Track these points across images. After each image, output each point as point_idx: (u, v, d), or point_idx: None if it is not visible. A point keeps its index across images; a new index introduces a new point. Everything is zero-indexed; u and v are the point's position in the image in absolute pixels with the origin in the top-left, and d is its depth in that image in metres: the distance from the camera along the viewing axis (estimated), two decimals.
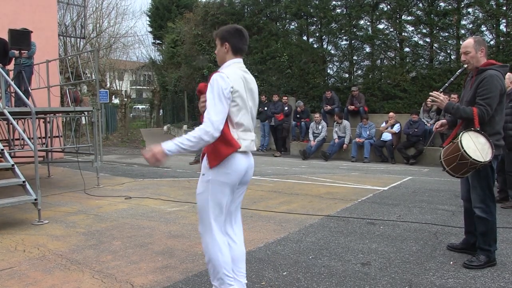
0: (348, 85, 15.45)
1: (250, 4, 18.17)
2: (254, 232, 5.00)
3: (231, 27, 2.99)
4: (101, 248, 4.54)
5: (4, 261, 4.22)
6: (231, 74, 2.80)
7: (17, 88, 7.44)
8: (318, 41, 16.95)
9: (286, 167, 11.21)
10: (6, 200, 5.78)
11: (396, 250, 4.29)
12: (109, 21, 28.19)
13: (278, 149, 14.62)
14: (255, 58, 17.23)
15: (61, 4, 20.03)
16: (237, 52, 2.96)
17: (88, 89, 24.54)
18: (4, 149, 6.47)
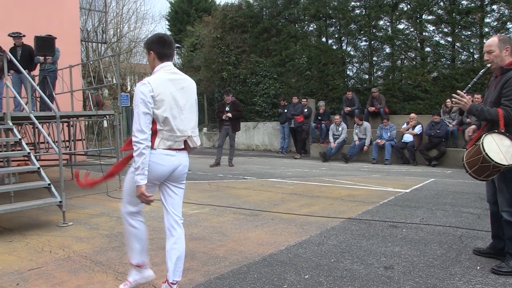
0: (368, 86, 15.33)
1: (268, 7, 18.16)
2: (276, 235, 4.98)
3: (154, 36, 3.28)
4: (124, 250, 4.57)
5: (32, 261, 4.32)
6: (152, 79, 3.05)
7: (42, 93, 7.57)
8: (337, 42, 16.85)
9: (306, 169, 11.17)
10: (32, 202, 5.90)
11: (420, 253, 4.22)
12: (129, 26, 28.53)
13: (298, 151, 14.57)
14: (274, 61, 17.23)
15: (83, 10, 20.33)
16: (162, 57, 3.19)
17: (109, 93, 24.84)
18: (31, 152, 6.59)
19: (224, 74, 18.35)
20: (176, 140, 3.13)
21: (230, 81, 18.34)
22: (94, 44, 25.84)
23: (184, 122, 3.17)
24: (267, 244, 4.64)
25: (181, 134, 3.15)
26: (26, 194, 7.28)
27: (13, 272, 4.05)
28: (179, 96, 3.14)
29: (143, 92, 2.97)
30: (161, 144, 3.08)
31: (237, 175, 10.16)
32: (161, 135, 3.07)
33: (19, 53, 9.47)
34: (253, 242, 4.75)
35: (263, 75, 17.52)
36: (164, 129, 3.06)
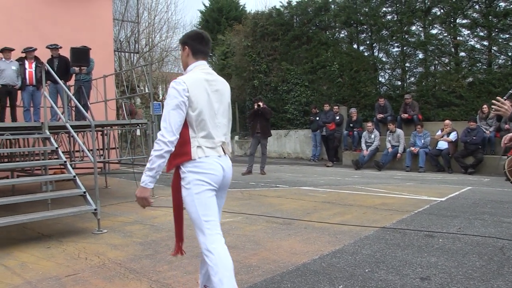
0: (401, 93, 15.12)
1: (299, 14, 18.17)
2: (309, 244, 4.94)
3: (191, 31, 3.09)
4: (158, 258, 4.62)
5: (69, 268, 4.41)
6: (187, 78, 2.81)
7: (77, 102, 7.76)
8: (369, 48, 16.71)
9: (339, 177, 11.07)
10: (68, 210, 6.04)
11: (458, 264, 4.10)
12: (161, 35, 28.95)
13: (330, 159, 14.46)
14: (305, 68, 17.20)
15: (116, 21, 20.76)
16: (197, 54, 2.97)
17: (142, 102, 25.24)
18: (67, 161, 6.75)
19: (255, 82, 18.42)
20: (213, 146, 2.85)
21: (261, 89, 18.39)
22: (127, 54, 26.35)
23: (218, 127, 2.91)
24: (300, 253, 4.60)
25: (217, 140, 2.88)
26: (62, 201, 7.45)
27: (52, 277, 4.14)
28: (213, 98, 2.89)
29: (178, 90, 2.73)
30: (199, 152, 2.79)
31: (269, 183, 10.15)
32: (196, 142, 2.79)
33: (56, 64, 9.75)
34: (286, 251, 4.72)
35: (294, 82, 17.50)
36: (198, 135, 2.80)
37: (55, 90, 9.81)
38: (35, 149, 8.09)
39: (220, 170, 2.86)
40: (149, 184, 2.77)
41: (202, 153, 2.80)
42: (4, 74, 9.41)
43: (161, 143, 2.70)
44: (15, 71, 9.56)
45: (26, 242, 5.56)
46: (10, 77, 9.46)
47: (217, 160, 2.85)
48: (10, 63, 9.56)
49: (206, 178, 2.79)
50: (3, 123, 8.91)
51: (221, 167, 2.87)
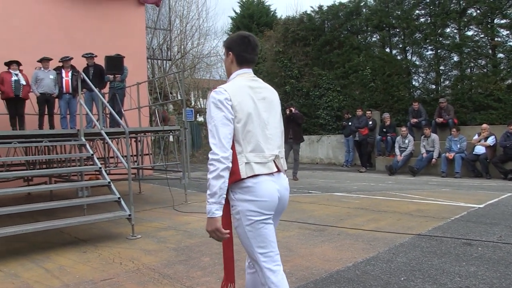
0: (435, 96, 14.81)
1: (330, 19, 18.06)
2: (342, 251, 4.88)
3: (236, 34, 2.68)
4: (191, 263, 4.64)
5: (104, 272, 4.49)
6: (228, 86, 2.48)
7: (112, 109, 7.91)
8: (402, 52, 16.45)
9: (372, 183, 10.92)
10: (104, 215, 6.15)
11: (500, 275, 3.96)
12: (193, 42, 29.24)
13: (363, 164, 14.28)
14: (337, 73, 17.07)
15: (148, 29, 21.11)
16: (242, 62, 2.61)
17: (174, 108, 25.54)
18: (102, 167, 6.88)
19: (287, 88, 18.38)
20: (264, 161, 2.45)
21: (293, 94, 18.34)
22: (160, 61, 26.72)
23: (269, 139, 2.51)
24: (333, 260, 4.55)
25: (269, 153, 2.48)
26: (97, 207, 7.60)
27: (88, 281, 4.22)
28: (261, 107, 2.51)
29: (220, 100, 2.38)
30: (249, 170, 2.39)
31: (302, 189, 10.09)
32: (244, 158, 2.40)
33: (91, 73, 9.97)
34: (319, 258, 4.67)
35: (326, 87, 17.39)
36: (245, 150, 2.41)
37: (90, 97, 10.02)
38: (71, 155, 8.29)
39: (274, 193, 2.46)
40: (215, 213, 2.33)
41: (251, 171, 2.39)
42: (42, 83, 9.69)
43: (215, 162, 2.32)
44: (53, 80, 9.83)
45: (63, 246, 5.69)
46: (48, 86, 9.74)
47: (271, 182, 2.45)
48: (48, 72, 9.84)
49: (258, 208, 2.41)
50: (42, 130, 9.18)
51: (276, 190, 2.47)
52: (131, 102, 10.96)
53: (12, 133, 8.18)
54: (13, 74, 9.52)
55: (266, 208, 2.42)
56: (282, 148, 2.63)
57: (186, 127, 9.06)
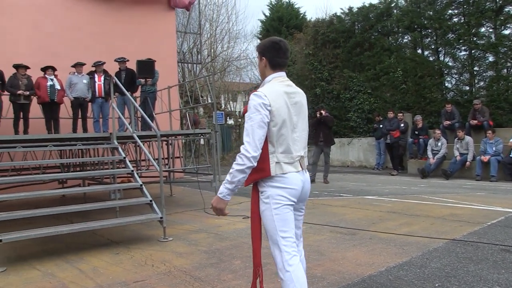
0: (469, 98, 14.47)
1: (360, 20, 17.90)
2: (374, 255, 4.81)
3: (268, 41, 2.89)
4: (222, 266, 4.65)
5: (136, 274, 4.54)
6: (268, 92, 2.69)
7: (143, 113, 8.01)
8: (434, 53, 16.15)
9: (404, 186, 10.74)
10: (136, 218, 6.23)
11: None
12: (223, 46, 29.39)
13: (395, 167, 14.07)
14: (367, 75, 16.89)
15: (179, 33, 21.34)
16: (275, 66, 2.84)
17: (204, 111, 25.72)
18: (133, 170, 6.98)
19: (317, 90, 18.29)
20: (292, 161, 2.76)
21: (324, 97, 18.24)
22: (190, 65, 26.98)
23: (296, 141, 2.79)
24: (365, 265, 4.49)
25: (296, 154, 2.77)
26: (129, 209, 7.71)
27: (121, 283, 4.27)
28: (293, 111, 2.77)
29: (260, 105, 2.63)
30: (278, 169, 2.71)
31: (333, 192, 10.01)
32: (275, 158, 2.70)
33: (123, 77, 10.13)
34: (351, 262, 4.62)
35: (357, 90, 17.23)
36: (277, 151, 2.71)
37: (122, 101, 10.18)
38: (104, 158, 8.43)
39: (299, 184, 2.78)
40: (226, 197, 2.74)
41: (280, 170, 2.71)
42: (76, 87, 9.90)
43: (244, 158, 2.62)
44: (86, 85, 10.04)
45: (96, 248, 5.79)
46: (81, 90, 9.94)
47: (297, 174, 2.77)
48: (82, 77, 10.05)
49: (285, 193, 2.72)
50: (76, 134, 9.38)
51: (301, 181, 2.79)
52: (162, 105, 11.10)
53: (47, 137, 8.39)
54: (49, 79, 9.76)
55: (292, 195, 2.75)
56: (306, 149, 2.93)
57: (216, 130, 9.11)
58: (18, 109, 9.61)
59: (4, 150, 7.45)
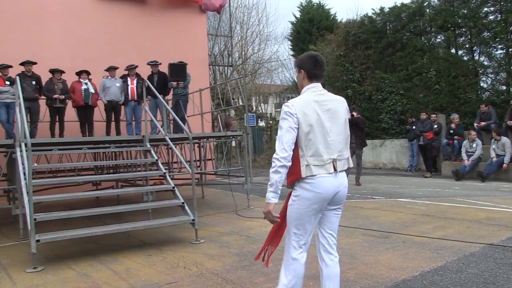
0: (506, 98, 14.07)
1: (392, 21, 17.63)
2: (408, 259, 4.72)
3: (305, 55, 3.17)
4: (254, 269, 4.65)
5: (169, 276, 4.59)
6: (296, 101, 2.97)
7: (175, 116, 8.09)
8: (468, 52, 15.78)
9: (438, 188, 10.51)
10: (168, 220, 6.30)
11: None
12: (253, 48, 29.47)
13: (428, 169, 13.80)
14: (400, 76, 16.61)
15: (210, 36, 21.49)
16: (312, 78, 3.09)
17: (236, 113, 25.83)
18: (166, 172, 7.05)
19: (349, 92, 18.10)
20: (322, 164, 2.93)
21: (355, 98, 18.04)
22: (221, 67, 27.15)
23: (330, 145, 2.96)
24: (399, 269, 4.41)
25: (327, 157, 2.94)
26: (161, 211, 7.79)
27: (153, 284, 4.32)
28: (324, 118, 2.97)
29: (287, 113, 2.92)
30: (307, 171, 2.90)
31: (365, 194, 9.89)
32: (304, 161, 2.91)
33: (155, 80, 10.25)
34: (384, 266, 4.55)
35: (389, 91, 16.98)
36: (306, 154, 2.92)
37: (154, 104, 10.29)
38: (137, 161, 8.55)
39: (329, 189, 2.95)
40: (271, 199, 2.92)
41: (310, 172, 2.91)
42: (109, 91, 10.07)
43: (275, 160, 2.89)
44: (119, 88, 10.20)
45: (129, 249, 5.87)
46: (114, 94, 10.11)
47: (327, 179, 2.94)
48: (115, 80, 10.22)
49: (311, 196, 2.93)
50: (109, 137, 9.54)
51: (333, 186, 2.96)
52: (194, 108, 11.19)
53: (82, 139, 8.57)
54: (83, 83, 9.97)
55: (319, 199, 2.93)
56: (343, 151, 3.07)
57: (248, 132, 9.12)
58: (54, 112, 9.84)
59: (41, 152, 7.65)
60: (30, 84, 9.45)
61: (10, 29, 11.89)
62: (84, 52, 12.46)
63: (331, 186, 2.95)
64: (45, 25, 12.47)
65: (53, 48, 12.28)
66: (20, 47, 11.51)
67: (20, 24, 12.06)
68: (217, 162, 11.74)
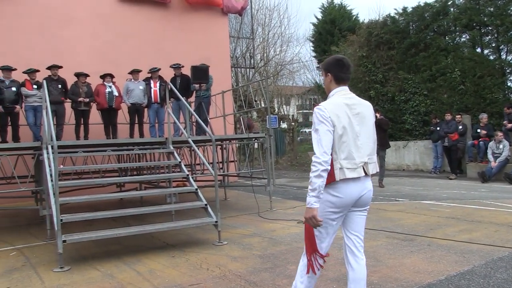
0: None
1: (415, 20, 17.41)
2: (433, 263, 4.65)
3: (332, 58, 3.19)
4: (277, 271, 4.64)
5: (192, 277, 4.61)
6: (328, 104, 2.99)
7: (198, 118, 8.13)
8: (495, 51, 15.50)
9: (463, 191, 10.33)
10: (191, 221, 6.33)
11: None
12: (275, 50, 29.47)
13: (453, 171, 13.58)
14: (423, 76, 16.39)
15: (232, 38, 21.58)
16: (339, 81, 3.11)
17: (258, 115, 25.86)
18: (189, 174, 7.09)
19: (372, 93, 17.94)
20: (354, 167, 2.96)
21: (378, 99, 17.86)
22: (243, 69, 27.24)
23: (360, 148, 2.99)
24: (424, 272, 4.35)
25: (359, 160, 2.97)
26: (184, 212, 7.84)
27: (177, 286, 4.35)
28: (354, 121, 2.99)
29: (322, 116, 2.91)
30: (341, 174, 2.92)
31: (388, 196, 9.78)
32: (338, 164, 2.92)
33: (178, 82, 10.32)
34: (409, 269, 4.49)
35: (412, 92, 16.77)
36: (340, 157, 2.92)
37: (177, 106, 10.36)
38: (160, 163, 8.62)
39: (354, 194, 2.98)
40: (313, 204, 2.86)
41: (343, 175, 2.92)
42: (133, 93, 10.17)
43: (316, 164, 2.84)
44: (142, 91, 10.29)
45: (153, 250, 5.92)
46: (138, 96, 10.20)
47: (353, 185, 2.97)
48: (138, 83, 10.32)
49: (335, 201, 2.96)
50: (133, 139, 9.64)
51: (357, 191, 2.99)
52: (216, 110, 11.24)
53: (106, 142, 8.68)
54: (107, 86, 10.09)
55: (341, 204, 2.97)
56: (372, 155, 3.10)
57: (270, 134, 9.11)
58: (79, 115, 9.99)
59: (67, 154, 7.78)
60: (56, 87, 9.62)
61: (38, 34, 12.13)
62: (109, 55, 12.63)
63: (354, 191, 2.97)
64: (73, 30, 12.70)
65: (78, 52, 12.48)
66: (47, 51, 11.72)
67: (47, 30, 12.30)
68: (240, 164, 11.75)
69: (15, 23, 11.97)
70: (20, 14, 12.09)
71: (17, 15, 12.03)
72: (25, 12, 12.17)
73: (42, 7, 12.37)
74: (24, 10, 12.20)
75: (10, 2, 12.06)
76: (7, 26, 11.86)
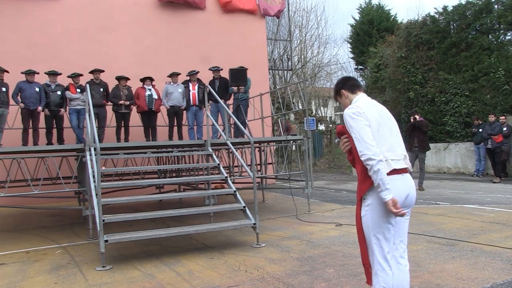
0: None
1: (456, 20, 16.98)
2: (477, 270, 4.52)
3: (339, 79, 3.37)
4: (315, 274, 4.62)
5: (230, 279, 4.64)
6: (360, 103, 3.06)
7: (237, 120, 8.19)
8: None
9: (509, 195, 10.00)
10: (230, 223, 6.37)
11: None
12: (313, 51, 29.37)
13: (497, 174, 13.17)
14: (465, 77, 15.97)
15: (269, 41, 21.63)
16: (354, 89, 3.24)
17: (296, 117, 25.79)
18: (227, 176, 7.15)
19: (411, 94, 17.63)
20: (398, 158, 2.96)
21: (417, 101, 17.53)
22: (281, 71, 27.24)
23: (397, 141, 3.04)
24: (467, 279, 4.23)
25: (399, 152, 3.00)
26: (222, 214, 7.90)
27: (215, 287, 4.39)
28: (384, 118, 3.07)
29: (355, 113, 2.95)
30: (387, 166, 2.88)
31: (429, 200, 9.58)
32: (383, 157, 2.87)
33: (217, 85, 10.42)
34: (451, 275, 4.38)
35: (453, 92, 16.37)
36: (382, 149, 2.89)
37: (216, 109, 10.46)
38: (199, 165, 8.71)
39: (402, 192, 2.93)
40: (386, 197, 2.80)
41: (390, 167, 2.89)
42: (172, 96, 10.33)
43: (368, 161, 2.82)
44: (181, 93, 10.44)
45: (192, 251, 5.99)
46: (177, 99, 10.35)
47: (399, 181, 2.93)
48: (177, 86, 10.47)
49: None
50: (172, 141, 9.79)
51: (404, 189, 2.95)
52: (254, 112, 11.29)
53: (146, 144, 8.86)
54: (147, 89, 10.28)
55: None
56: (405, 151, 3.11)
57: (308, 136, 9.08)
58: (119, 118, 10.22)
59: (108, 156, 7.98)
60: (98, 91, 9.88)
61: (81, 40, 12.52)
62: (148, 59, 12.89)
63: (402, 188, 2.92)
64: (115, 35, 13.03)
65: (120, 56, 12.79)
66: (89, 56, 12.07)
67: (89, 35, 12.67)
68: (278, 166, 11.75)
69: (60, 29, 12.41)
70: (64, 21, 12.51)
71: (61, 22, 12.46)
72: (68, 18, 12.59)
73: (84, 14, 12.75)
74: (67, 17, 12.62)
75: (55, 10, 12.52)
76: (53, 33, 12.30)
